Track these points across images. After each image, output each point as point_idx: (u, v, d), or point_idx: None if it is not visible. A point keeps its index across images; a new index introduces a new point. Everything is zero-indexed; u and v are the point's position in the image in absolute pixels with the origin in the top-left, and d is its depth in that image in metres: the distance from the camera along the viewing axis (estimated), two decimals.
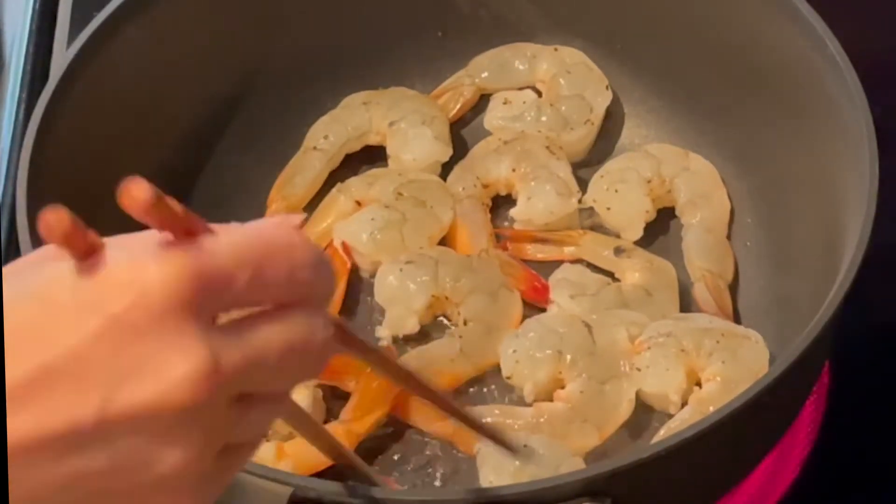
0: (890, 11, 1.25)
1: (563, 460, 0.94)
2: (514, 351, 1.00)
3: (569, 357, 0.99)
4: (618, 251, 1.07)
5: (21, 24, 1.26)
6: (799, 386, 0.94)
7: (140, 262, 0.53)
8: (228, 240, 0.55)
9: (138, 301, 0.52)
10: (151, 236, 0.55)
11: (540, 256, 1.09)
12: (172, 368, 0.53)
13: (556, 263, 1.08)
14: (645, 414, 1.00)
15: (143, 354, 0.53)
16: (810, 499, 1.00)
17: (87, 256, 0.54)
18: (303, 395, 0.98)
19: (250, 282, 0.55)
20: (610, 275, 1.07)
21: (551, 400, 0.99)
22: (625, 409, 0.98)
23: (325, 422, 1.00)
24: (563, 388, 1.00)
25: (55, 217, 0.53)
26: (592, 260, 1.08)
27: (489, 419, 0.98)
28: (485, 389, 1.02)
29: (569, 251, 1.08)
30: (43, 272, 0.54)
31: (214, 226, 0.57)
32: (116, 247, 0.54)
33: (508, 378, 1.00)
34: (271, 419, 0.60)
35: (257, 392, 0.57)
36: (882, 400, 1.04)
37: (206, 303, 0.54)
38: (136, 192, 0.53)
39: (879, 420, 1.03)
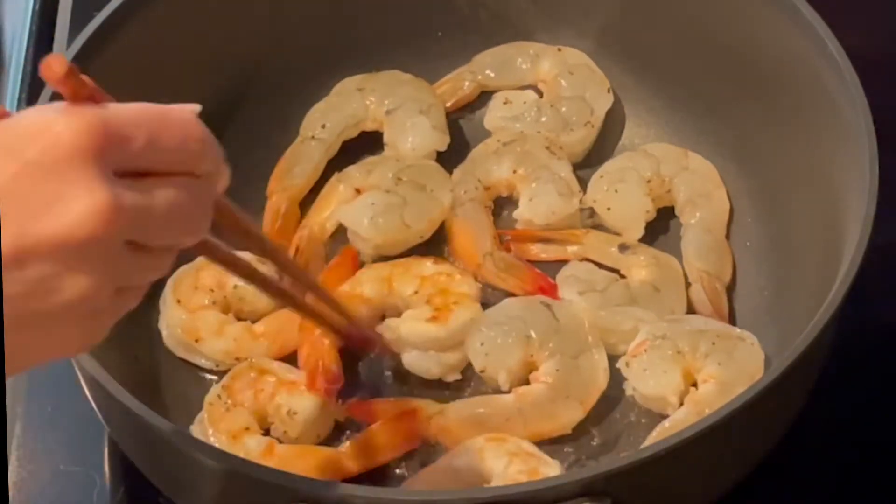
0: (890, 11, 1.25)
1: None
2: (482, 343, 1.00)
3: (537, 338, 1.00)
4: (622, 248, 1.07)
5: (21, 24, 1.26)
6: (799, 385, 0.94)
7: (51, 116, 0.63)
8: (131, 107, 0.65)
9: (49, 147, 0.62)
10: (62, 103, 0.64)
11: (544, 256, 1.09)
12: (78, 204, 0.62)
13: (560, 264, 1.08)
14: (642, 414, 1.00)
15: (53, 192, 0.61)
16: (810, 498, 1.00)
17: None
18: (310, 403, 0.98)
19: (147, 142, 0.65)
20: (615, 272, 1.07)
21: (528, 383, 1.00)
22: (602, 379, 0.99)
23: (329, 435, 1.00)
24: (536, 370, 1.00)
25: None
26: (597, 258, 1.08)
27: (480, 410, 0.99)
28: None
29: (572, 250, 1.09)
30: None
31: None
32: (33, 108, 0.64)
33: (482, 372, 1.00)
34: (158, 268, 0.68)
35: (148, 243, 0.66)
36: (882, 400, 1.04)
37: (108, 153, 0.63)
38: (54, 64, 0.63)
39: (879, 420, 1.03)
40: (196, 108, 0.70)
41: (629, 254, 1.07)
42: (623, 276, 1.07)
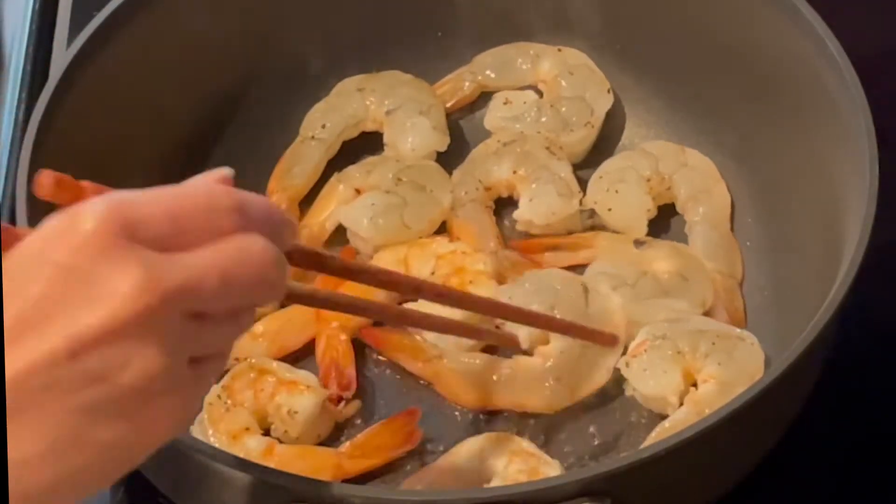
0: (890, 11, 1.25)
1: None
2: (510, 298, 1.01)
3: (558, 314, 1.00)
4: (638, 244, 1.07)
5: (21, 24, 1.26)
6: (799, 386, 0.94)
7: (69, 215, 0.63)
8: (146, 191, 0.65)
9: (76, 245, 0.62)
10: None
11: (556, 264, 1.08)
12: (116, 288, 0.62)
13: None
14: (642, 414, 1.00)
15: (91, 286, 0.62)
16: (810, 498, 1.00)
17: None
18: (311, 403, 0.98)
19: (171, 222, 0.64)
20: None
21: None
22: (601, 377, 1.00)
23: (329, 435, 1.00)
24: (546, 344, 1.01)
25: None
26: (613, 258, 1.07)
27: (474, 362, 1.01)
28: None
29: (584, 255, 1.08)
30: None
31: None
32: (53, 216, 0.64)
33: (499, 325, 1.01)
34: (233, 335, 0.68)
35: (208, 310, 0.65)
36: (882, 400, 1.04)
37: (132, 232, 0.62)
38: (42, 180, 0.64)
39: (880, 420, 1.03)
40: (225, 174, 0.69)
41: (646, 248, 1.07)
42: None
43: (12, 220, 1.01)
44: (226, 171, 0.69)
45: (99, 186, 0.66)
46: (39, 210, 0.94)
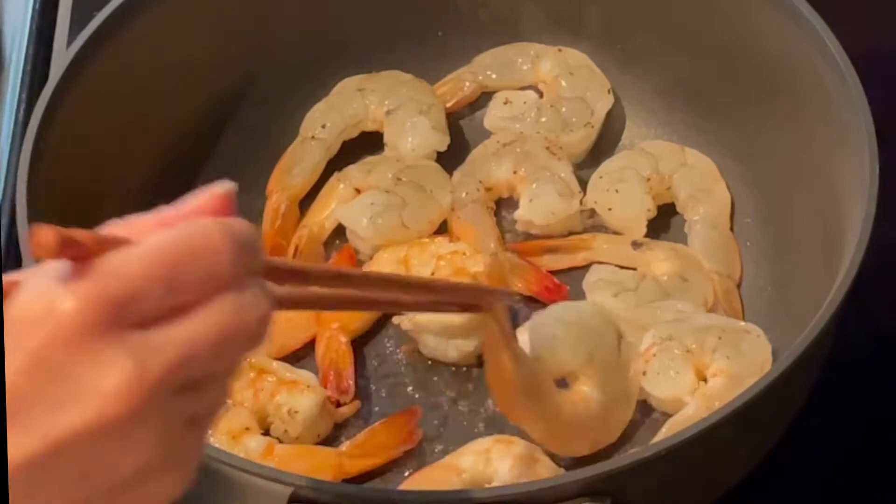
0: (890, 11, 1.25)
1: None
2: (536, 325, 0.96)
3: (595, 359, 0.97)
4: (636, 245, 1.07)
5: (21, 24, 1.26)
6: (798, 386, 0.94)
7: (49, 296, 0.55)
8: (139, 253, 0.57)
9: (53, 333, 0.55)
10: (63, 265, 0.57)
11: (553, 266, 1.07)
12: (100, 385, 0.55)
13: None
14: (644, 413, 1.00)
15: (70, 379, 0.55)
16: (811, 498, 1.00)
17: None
18: (311, 402, 0.98)
19: (165, 293, 0.57)
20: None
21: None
22: (617, 431, 0.98)
23: (329, 435, 1.00)
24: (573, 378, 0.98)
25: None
26: (611, 260, 1.07)
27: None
28: None
29: (583, 256, 1.08)
30: None
31: (133, 230, 0.59)
32: (31, 281, 0.57)
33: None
34: (225, 388, 0.62)
35: (203, 378, 0.59)
36: (882, 400, 1.04)
37: (119, 320, 0.56)
38: (40, 238, 0.55)
39: (879, 420, 1.03)
40: (227, 192, 0.61)
41: (644, 250, 1.07)
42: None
43: (12, 221, 1.01)
44: (227, 189, 0.61)
45: (100, 242, 0.57)
46: (40, 210, 0.94)
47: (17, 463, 0.55)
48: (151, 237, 0.58)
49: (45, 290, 0.56)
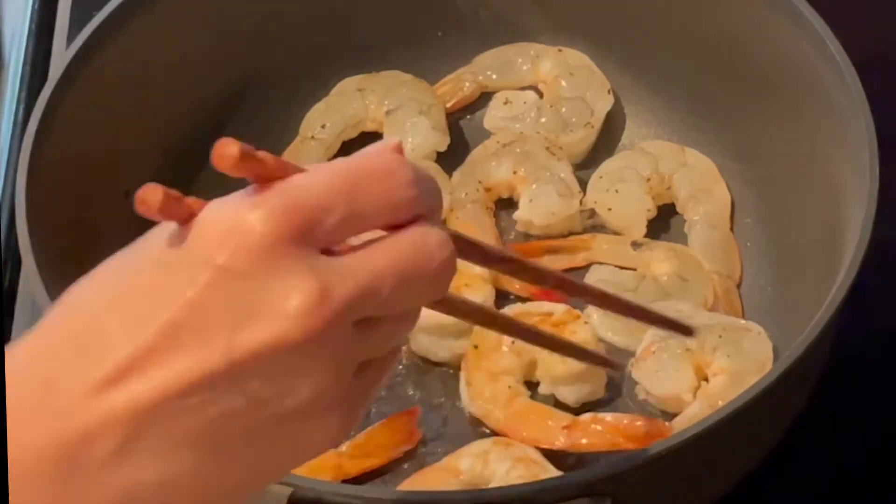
0: (890, 11, 1.25)
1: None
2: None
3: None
4: (635, 245, 1.07)
5: (21, 24, 1.26)
6: (798, 386, 0.94)
7: (234, 210, 0.55)
8: (320, 173, 0.57)
9: (239, 247, 0.54)
10: (245, 190, 0.57)
11: (554, 267, 1.06)
12: (284, 304, 0.54)
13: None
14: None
15: (255, 296, 0.54)
16: (811, 498, 1.00)
17: (190, 219, 0.56)
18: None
19: (348, 209, 0.57)
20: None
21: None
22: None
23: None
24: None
25: (148, 192, 0.55)
26: (611, 260, 1.07)
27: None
28: None
29: (582, 257, 1.08)
30: (153, 238, 0.57)
31: (310, 166, 0.59)
32: (214, 203, 0.57)
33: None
34: (401, 335, 0.61)
35: (382, 315, 0.58)
36: (882, 400, 1.04)
37: (305, 236, 0.55)
38: (224, 150, 0.56)
39: (880, 420, 1.03)
40: (396, 143, 0.61)
41: (644, 250, 1.07)
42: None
43: (12, 221, 1.01)
44: (399, 141, 0.62)
45: (282, 166, 0.57)
46: (39, 210, 0.94)
47: (194, 379, 0.54)
48: (326, 164, 0.59)
49: (232, 204, 0.56)
